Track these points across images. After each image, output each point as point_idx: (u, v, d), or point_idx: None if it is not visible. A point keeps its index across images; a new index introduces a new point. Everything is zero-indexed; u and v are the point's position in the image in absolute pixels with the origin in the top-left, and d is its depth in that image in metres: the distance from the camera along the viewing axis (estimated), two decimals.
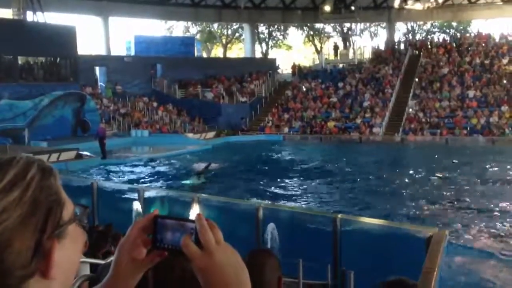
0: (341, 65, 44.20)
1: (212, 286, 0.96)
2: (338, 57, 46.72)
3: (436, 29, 59.40)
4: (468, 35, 46.25)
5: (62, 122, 28.50)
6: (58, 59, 31.68)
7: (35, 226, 0.82)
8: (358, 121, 33.55)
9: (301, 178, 20.40)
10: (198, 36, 56.98)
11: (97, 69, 37.23)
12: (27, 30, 28.95)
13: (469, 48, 39.76)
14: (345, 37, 56.73)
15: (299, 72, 43.13)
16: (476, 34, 43.37)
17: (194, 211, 10.19)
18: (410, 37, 52.50)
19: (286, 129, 34.34)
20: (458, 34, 49.55)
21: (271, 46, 61.40)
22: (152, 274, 1.98)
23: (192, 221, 0.99)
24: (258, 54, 54.00)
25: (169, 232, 1.00)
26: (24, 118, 26.95)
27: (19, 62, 30.18)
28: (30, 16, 31.04)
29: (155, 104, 36.21)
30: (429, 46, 41.54)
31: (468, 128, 31.10)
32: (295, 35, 62.70)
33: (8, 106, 26.73)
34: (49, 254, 0.84)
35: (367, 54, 44.95)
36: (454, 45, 40.90)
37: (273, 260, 2.40)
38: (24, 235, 0.81)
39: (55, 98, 28.57)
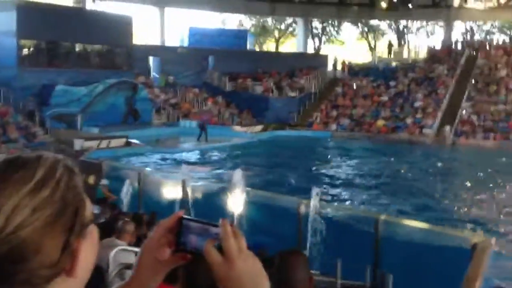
0: (394, 64, 43.31)
1: None
2: (392, 55, 45.81)
3: (495, 30, 57.38)
4: None
5: (114, 109, 29.05)
6: (113, 48, 32.40)
7: (64, 226, 0.82)
8: (409, 121, 32.82)
9: (345, 176, 20.20)
10: (252, 30, 57.01)
11: (151, 58, 37.87)
12: (86, 18, 29.71)
13: None
14: (400, 35, 55.63)
15: (350, 69, 42.47)
16: None
17: (237, 204, 10.26)
18: (468, 37, 50.85)
19: (334, 126, 34.00)
20: None
21: (324, 42, 60.77)
22: (184, 272, 1.99)
23: (217, 226, 0.97)
24: (311, 49, 53.56)
25: (193, 235, 0.99)
26: (78, 104, 27.65)
27: (76, 49, 31.00)
28: (89, 5, 31.92)
29: (204, 95, 36.55)
30: (488, 47, 40.18)
31: None
32: (348, 31, 61.89)
33: (63, 91, 27.46)
34: (76, 253, 0.84)
35: (422, 53, 43.87)
36: None
37: (304, 259, 2.41)
38: (54, 235, 0.81)
39: (108, 85, 29.20)
